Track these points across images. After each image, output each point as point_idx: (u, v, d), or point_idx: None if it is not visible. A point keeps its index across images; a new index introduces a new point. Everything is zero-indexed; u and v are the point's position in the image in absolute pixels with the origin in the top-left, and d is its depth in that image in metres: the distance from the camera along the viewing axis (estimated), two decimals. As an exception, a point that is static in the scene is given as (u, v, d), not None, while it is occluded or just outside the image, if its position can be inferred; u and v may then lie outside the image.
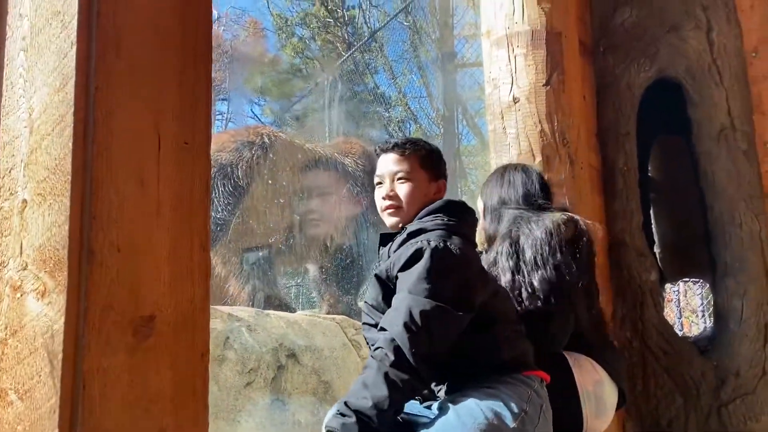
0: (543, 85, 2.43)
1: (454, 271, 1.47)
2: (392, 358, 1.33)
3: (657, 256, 3.05)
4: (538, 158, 2.40)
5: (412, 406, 1.50)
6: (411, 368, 1.33)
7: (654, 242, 2.98)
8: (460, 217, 1.61)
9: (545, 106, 2.42)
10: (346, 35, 12.79)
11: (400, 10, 11.27)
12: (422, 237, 1.50)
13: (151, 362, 0.88)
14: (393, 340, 1.35)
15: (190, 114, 0.98)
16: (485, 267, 1.84)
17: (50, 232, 0.84)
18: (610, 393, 1.94)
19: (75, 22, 0.87)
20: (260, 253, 4.77)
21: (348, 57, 12.28)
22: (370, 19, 14.35)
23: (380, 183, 1.67)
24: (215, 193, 4.32)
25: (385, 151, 1.69)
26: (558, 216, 1.98)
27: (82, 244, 0.82)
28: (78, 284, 0.82)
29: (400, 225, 1.63)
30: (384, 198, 1.64)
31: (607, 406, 1.93)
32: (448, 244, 1.48)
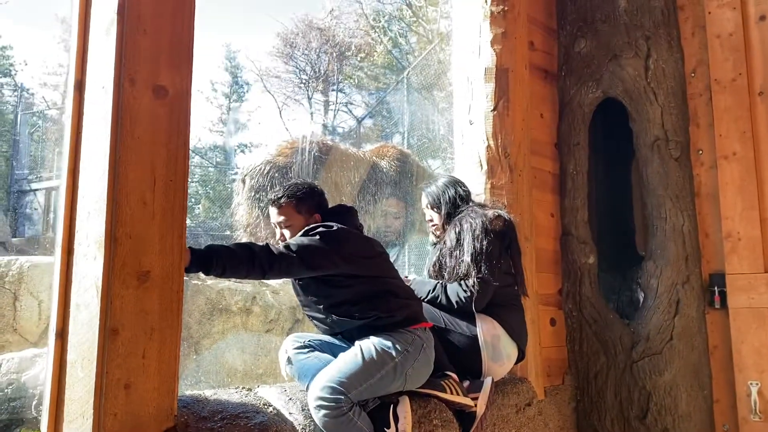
0: (491, 110, 3.12)
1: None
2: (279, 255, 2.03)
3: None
4: (485, 167, 3.09)
5: (333, 341, 2.29)
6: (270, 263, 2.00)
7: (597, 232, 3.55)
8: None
9: (492, 126, 3.10)
10: (429, 34, 13.45)
11: None
12: None
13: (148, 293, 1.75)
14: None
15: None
16: (440, 250, 2.64)
17: (100, 228, 1.72)
18: (506, 345, 2.62)
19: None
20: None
21: (428, 53, 12.97)
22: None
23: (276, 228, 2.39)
24: (270, 187, 5.33)
25: (268, 205, 2.39)
26: (491, 212, 2.70)
27: (111, 234, 1.70)
28: (110, 253, 1.69)
29: None
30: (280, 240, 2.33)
31: (503, 355, 2.61)
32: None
